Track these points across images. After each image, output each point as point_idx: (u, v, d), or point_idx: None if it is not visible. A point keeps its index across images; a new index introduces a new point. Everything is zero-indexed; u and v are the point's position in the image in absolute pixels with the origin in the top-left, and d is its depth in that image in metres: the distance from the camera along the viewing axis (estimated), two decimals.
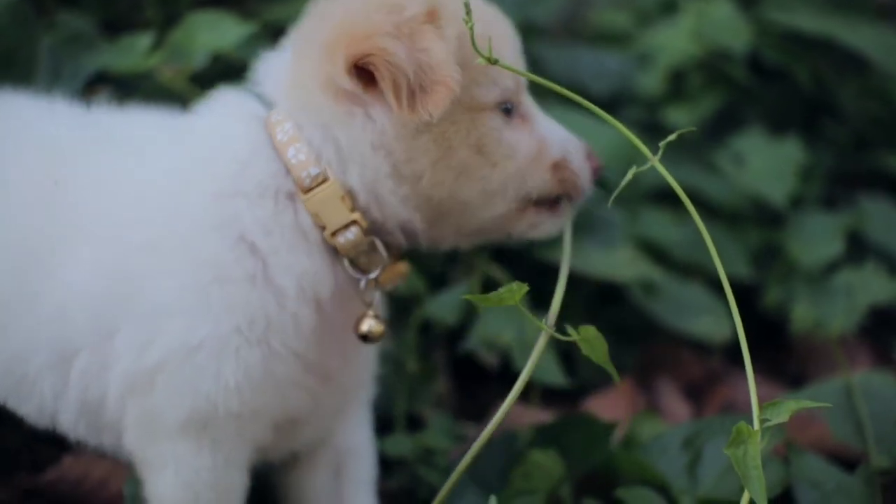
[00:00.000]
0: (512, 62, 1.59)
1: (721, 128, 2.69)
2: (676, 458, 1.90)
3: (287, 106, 1.60)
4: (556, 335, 1.61)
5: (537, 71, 1.63)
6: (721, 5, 2.67)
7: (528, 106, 1.65)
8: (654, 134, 1.52)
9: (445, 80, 1.52)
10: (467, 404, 2.24)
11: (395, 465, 1.97)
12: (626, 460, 1.90)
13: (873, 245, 2.57)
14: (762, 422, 1.44)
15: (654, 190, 2.49)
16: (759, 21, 2.72)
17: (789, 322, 2.45)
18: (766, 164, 2.58)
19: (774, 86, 2.76)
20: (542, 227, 1.67)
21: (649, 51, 2.71)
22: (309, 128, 1.59)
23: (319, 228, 1.59)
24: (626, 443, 2.01)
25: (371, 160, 1.58)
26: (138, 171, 1.61)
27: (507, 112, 1.62)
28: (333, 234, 1.59)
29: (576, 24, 2.99)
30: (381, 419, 1.95)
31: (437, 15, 1.55)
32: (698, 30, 2.66)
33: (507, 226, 1.66)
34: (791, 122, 2.73)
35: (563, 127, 1.68)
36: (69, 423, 1.63)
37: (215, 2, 2.25)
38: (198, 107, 1.67)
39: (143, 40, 2.09)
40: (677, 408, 2.28)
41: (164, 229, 1.57)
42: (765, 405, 1.45)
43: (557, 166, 1.65)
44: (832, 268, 2.51)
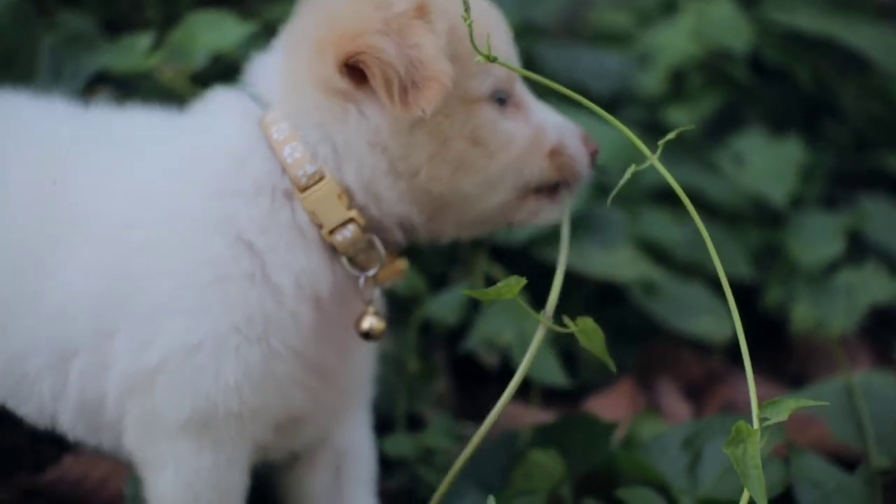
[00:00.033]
0: (504, 54, 1.58)
1: (721, 128, 2.69)
2: (677, 458, 1.89)
3: (282, 106, 1.60)
4: (554, 327, 1.61)
5: (538, 71, 1.62)
6: (721, 5, 2.67)
7: (521, 94, 1.64)
8: (655, 134, 1.52)
9: (437, 75, 1.52)
10: (468, 404, 2.23)
11: (396, 465, 1.97)
12: (627, 460, 1.90)
13: (874, 245, 2.57)
14: (761, 421, 1.44)
15: (655, 190, 2.49)
16: (760, 21, 2.72)
17: (790, 322, 2.45)
18: (766, 163, 2.58)
19: (775, 86, 2.75)
20: (542, 214, 1.67)
21: (650, 51, 2.71)
22: (304, 127, 1.58)
23: (317, 227, 1.59)
24: (627, 443, 2.01)
25: (367, 157, 1.57)
26: (137, 170, 1.61)
27: (502, 102, 1.61)
28: (331, 233, 1.59)
29: (576, 24, 2.99)
30: (381, 419, 1.95)
31: (427, 10, 1.54)
32: (699, 30, 2.66)
33: (508, 215, 1.65)
34: (791, 121, 2.73)
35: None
36: (68, 424, 1.63)
37: (216, 2, 2.25)
38: (193, 106, 1.67)
39: (144, 40, 2.09)
40: (678, 408, 2.28)
41: (162, 229, 1.57)
42: (764, 404, 1.45)
43: (554, 153, 1.64)
44: (832, 268, 2.51)
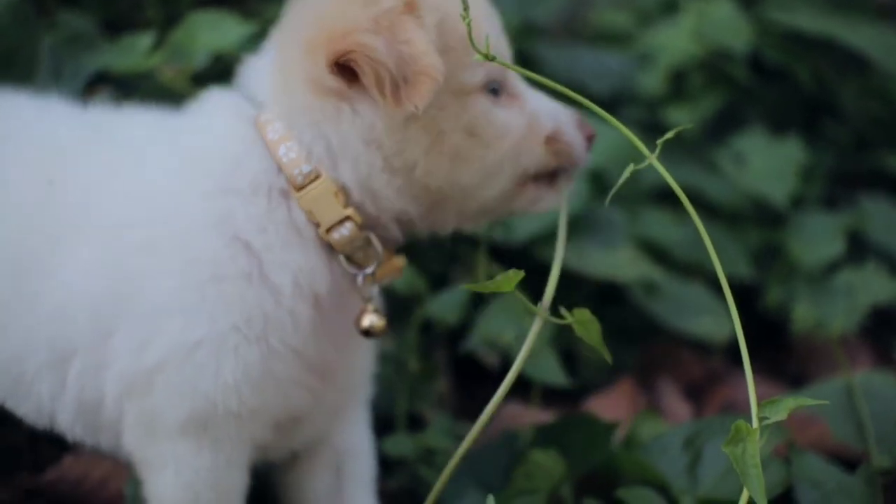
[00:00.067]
0: (495, 42, 1.57)
1: (722, 128, 2.69)
2: (677, 458, 1.89)
3: (276, 106, 1.60)
4: (551, 319, 1.61)
5: (538, 71, 1.62)
6: (722, 5, 2.67)
7: (515, 83, 1.64)
8: (655, 134, 1.51)
9: (428, 70, 1.51)
10: (468, 404, 2.23)
11: (396, 465, 1.97)
12: (627, 460, 1.90)
13: (874, 245, 2.57)
14: (761, 420, 1.44)
15: (655, 190, 2.49)
16: (760, 21, 2.72)
17: (790, 322, 2.45)
18: (766, 163, 2.58)
19: (775, 86, 2.75)
20: (542, 201, 1.67)
21: (650, 51, 2.71)
22: (299, 126, 1.58)
23: (314, 225, 1.59)
24: (627, 443, 2.01)
25: (362, 155, 1.57)
26: (135, 170, 1.61)
27: (495, 92, 1.61)
28: (328, 231, 1.58)
29: (576, 24, 2.99)
30: (381, 419, 1.95)
31: (416, 5, 1.54)
32: (699, 29, 2.66)
33: (508, 203, 1.65)
34: (792, 121, 2.73)
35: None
36: (67, 424, 1.63)
37: (216, 1, 2.25)
38: (189, 107, 1.67)
39: (144, 40, 2.09)
40: (678, 408, 2.28)
41: (160, 229, 1.57)
42: (763, 403, 1.45)
43: (551, 139, 1.64)
44: (833, 268, 2.51)
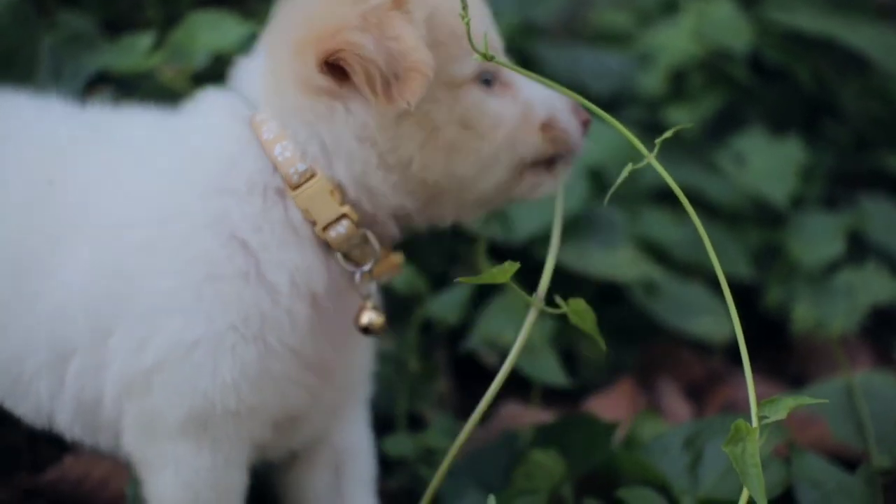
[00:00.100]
0: (482, 29, 1.56)
1: (722, 128, 2.69)
2: (677, 458, 1.89)
3: (269, 107, 1.60)
4: (546, 309, 1.61)
5: (538, 71, 1.62)
6: (722, 5, 2.67)
7: (507, 72, 1.63)
8: (655, 134, 1.51)
9: (418, 65, 1.51)
10: (468, 404, 2.22)
11: (396, 465, 1.97)
12: (627, 460, 1.90)
13: (874, 245, 2.57)
14: (760, 419, 1.44)
15: (655, 190, 2.49)
16: (760, 21, 2.72)
17: (790, 322, 2.45)
18: (766, 163, 2.58)
19: (775, 86, 2.75)
20: (541, 187, 1.66)
21: (650, 51, 2.71)
22: (293, 126, 1.58)
23: (310, 224, 1.59)
24: (627, 443, 2.01)
25: (357, 153, 1.57)
26: (133, 170, 1.61)
27: (487, 82, 1.60)
28: (325, 229, 1.58)
29: (576, 24, 2.99)
30: (381, 419, 1.95)
31: (404, 0, 1.53)
32: (699, 30, 2.66)
33: (507, 192, 1.65)
34: (792, 121, 2.73)
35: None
36: (65, 424, 1.63)
37: (216, 1, 2.25)
38: (185, 107, 1.67)
39: (144, 40, 2.09)
40: (678, 408, 2.28)
41: (158, 229, 1.57)
42: (763, 402, 1.45)
43: (546, 127, 1.63)
44: (833, 268, 2.51)
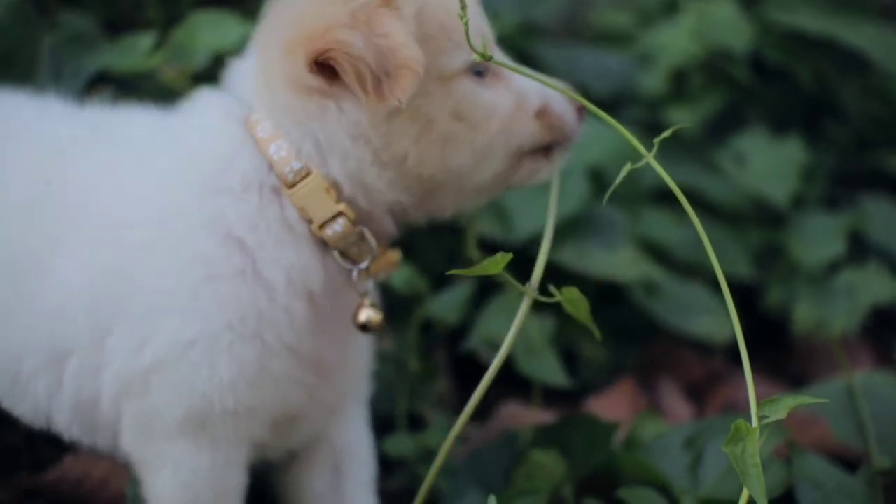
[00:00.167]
0: (477, 26, 1.56)
1: (722, 128, 2.69)
2: (678, 458, 1.89)
3: (262, 107, 1.60)
4: (540, 298, 1.62)
5: (538, 71, 1.62)
6: (722, 5, 2.67)
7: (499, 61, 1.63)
8: (656, 134, 1.51)
9: (408, 62, 1.50)
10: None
11: (396, 465, 1.97)
12: (628, 460, 1.90)
13: (875, 245, 2.57)
14: (761, 419, 1.44)
15: (656, 190, 2.49)
16: (761, 21, 2.72)
17: (791, 322, 2.45)
18: (767, 164, 2.58)
19: (776, 86, 2.75)
20: (540, 173, 1.66)
21: (651, 51, 2.71)
22: (286, 125, 1.58)
23: (306, 222, 1.59)
24: (628, 443, 2.01)
25: (351, 150, 1.57)
26: (132, 170, 1.61)
27: (479, 73, 1.60)
28: (321, 227, 1.58)
29: (576, 24, 2.99)
30: (381, 419, 1.95)
31: None
32: (700, 30, 2.66)
33: (506, 180, 1.64)
34: (792, 121, 2.73)
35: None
36: (64, 424, 1.63)
37: (217, 1, 2.25)
38: (180, 107, 1.67)
39: (145, 40, 2.09)
40: (679, 408, 2.28)
41: (156, 229, 1.57)
42: (763, 402, 1.45)
43: (541, 114, 1.63)
44: (834, 268, 2.51)
